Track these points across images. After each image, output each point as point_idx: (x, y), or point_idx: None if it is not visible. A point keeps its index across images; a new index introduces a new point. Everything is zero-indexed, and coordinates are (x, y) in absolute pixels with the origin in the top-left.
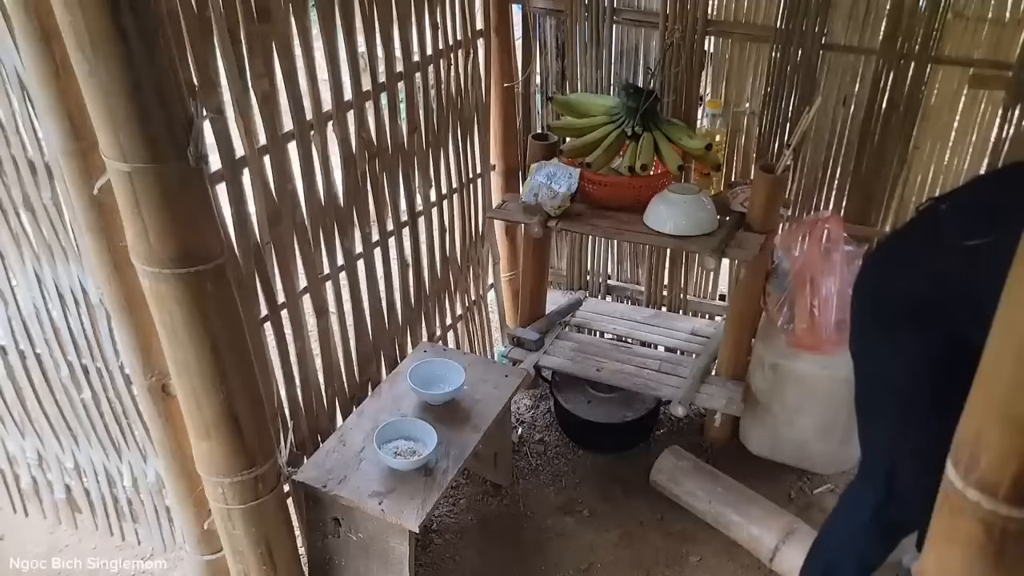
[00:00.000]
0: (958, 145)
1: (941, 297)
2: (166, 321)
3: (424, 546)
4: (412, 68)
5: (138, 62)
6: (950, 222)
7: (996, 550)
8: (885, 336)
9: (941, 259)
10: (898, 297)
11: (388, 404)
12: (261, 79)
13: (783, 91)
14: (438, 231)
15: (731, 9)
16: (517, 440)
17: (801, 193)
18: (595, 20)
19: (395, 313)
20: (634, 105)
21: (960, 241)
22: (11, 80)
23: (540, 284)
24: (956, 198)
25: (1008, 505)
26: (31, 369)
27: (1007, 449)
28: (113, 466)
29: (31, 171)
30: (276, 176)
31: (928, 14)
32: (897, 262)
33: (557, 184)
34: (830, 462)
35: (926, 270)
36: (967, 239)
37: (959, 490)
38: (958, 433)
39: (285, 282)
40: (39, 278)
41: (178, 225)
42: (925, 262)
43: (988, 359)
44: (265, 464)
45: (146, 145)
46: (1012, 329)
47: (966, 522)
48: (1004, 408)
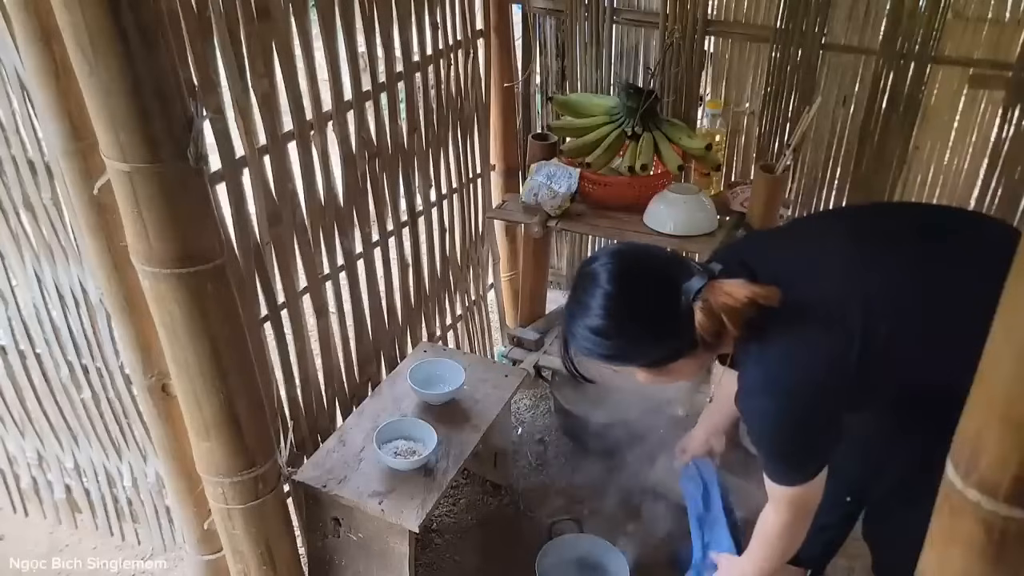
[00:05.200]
0: (958, 145)
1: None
2: (166, 321)
3: (424, 546)
4: (412, 68)
5: (138, 62)
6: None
7: (996, 550)
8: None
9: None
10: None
11: (388, 404)
12: (261, 79)
13: (783, 91)
14: (438, 231)
15: (731, 9)
16: (517, 440)
17: (801, 193)
18: (595, 20)
19: (395, 313)
20: (634, 105)
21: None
22: (11, 80)
23: (540, 284)
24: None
25: (1008, 505)
26: (31, 369)
27: (1007, 449)
28: (113, 466)
29: (31, 171)
30: (276, 176)
31: (928, 14)
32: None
33: (557, 184)
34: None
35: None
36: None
37: (959, 490)
38: (958, 433)
39: (285, 282)
40: (39, 278)
41: (178, 225)
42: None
43: (988, 359)
44: (265, 464)
45: (146, 145)
46: (1012, 329)
47: (966, 522)
48: (1004, 408)
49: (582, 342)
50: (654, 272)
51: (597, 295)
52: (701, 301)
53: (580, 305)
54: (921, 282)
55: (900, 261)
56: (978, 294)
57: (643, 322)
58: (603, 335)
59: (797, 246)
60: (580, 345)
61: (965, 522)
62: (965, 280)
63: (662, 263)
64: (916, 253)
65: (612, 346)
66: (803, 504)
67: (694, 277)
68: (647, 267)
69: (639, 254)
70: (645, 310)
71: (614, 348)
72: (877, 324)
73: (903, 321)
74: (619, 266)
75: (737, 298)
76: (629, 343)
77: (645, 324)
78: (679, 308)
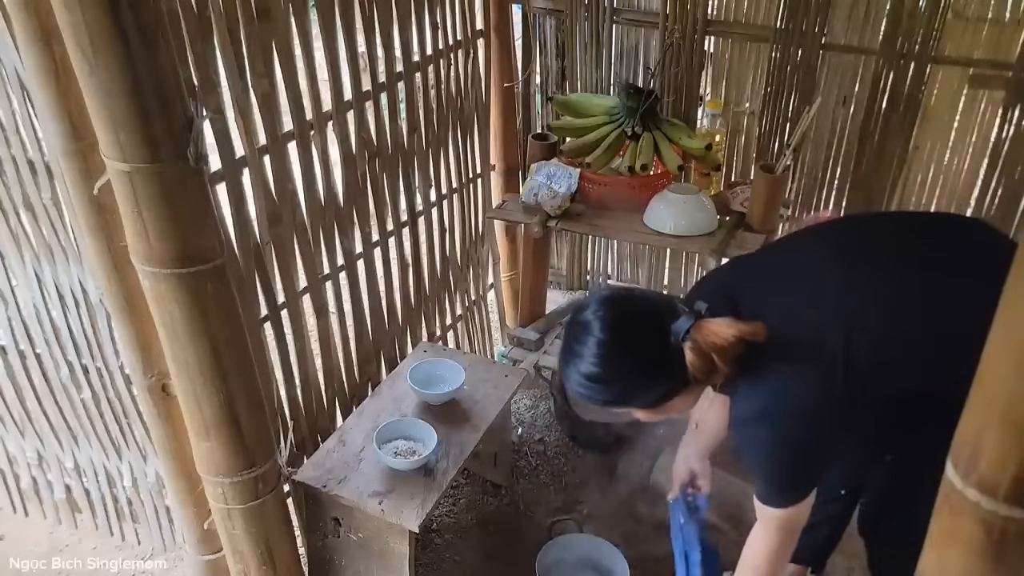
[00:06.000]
0: (958, 145)
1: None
2: (166, 321)
3: (424, 546)
4: (412, 68)
5: (138, 62)
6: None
7: (996, 550)
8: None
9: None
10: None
11: (388, 404)
12: (261, 79)
13: (783, 91)
14: (438, 231)
15: (731, 9)
16: (517, 440)
17: (801, 193)
18: (595, 20)
19: (395, 313)
20: (634, 105)
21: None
22: (11, 80)
23: (540, 284)
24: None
25: (1008, 505)
26: (31, 369)
27: (1007, 449)
28: (113, 466)
29: (31, 171)
30: (276, 176)
31: (928, 14)
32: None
33: (557, 184)
34: None
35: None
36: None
37: (959, 490)
38: (958, 433)
39: (285, 282)
40: (39, 278)
41: (178, 225)
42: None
43: (988, 359)
44: (265, 464)
45: (146, 145)
46: (1012, 329)
47: (966, 522)
48: (1004, 408)
49: (580, 389)
50: (643, 317)
51: (590, 344)
52: (691, 341)
53: (574, 354)
54: (901, 296)
55: (878, 278)
56: (961, 298)
57: (637, 367)
58: (600, 382)
59: (776, 274)
60: (578, 392)
61: (965, 522)
62: (947, 287)
63: (650, 307)
64: (893, 266)
65: (609, 391)
66: (791, 526)
67: (681, 318)
68: (636, 313)
69: (628, 300)
70: (638, 355)
71: (611, 393)
72: (859, 347)
73: (885, 339)
74: (610, 314)
75: (724, 337)
76: (625, 387)
77: (639, 368)
78: (670, 350)
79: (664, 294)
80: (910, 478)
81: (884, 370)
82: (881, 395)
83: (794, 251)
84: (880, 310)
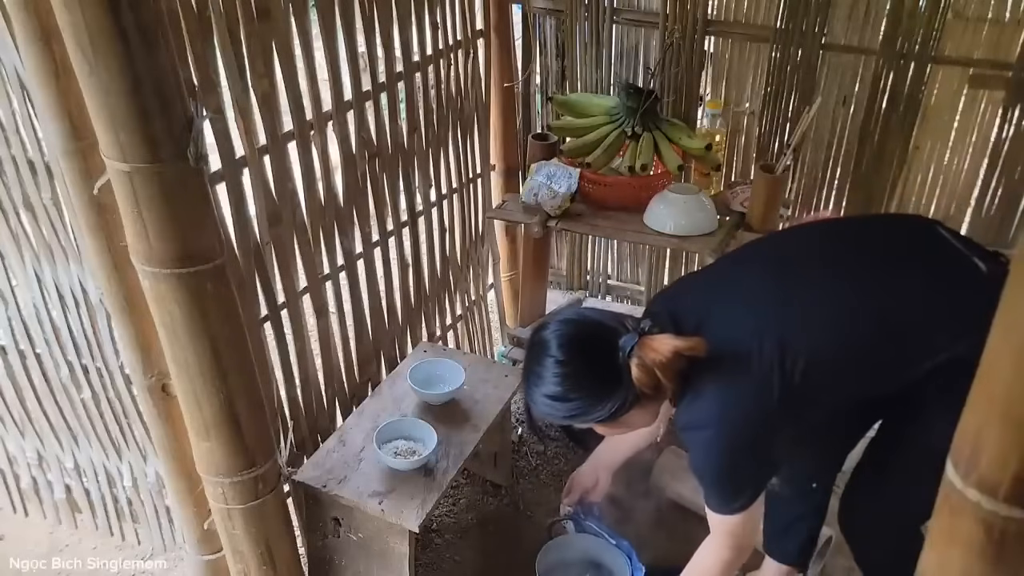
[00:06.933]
0: (958, 145)
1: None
2: (166, 321)
3: (424, 546)
4: (412, 68)
5: (138, 62)
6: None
7: (996, 550)
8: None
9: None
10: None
11: (388, 404)
12: (261, 79)
13: (783, 91)
14: (438, 231)
15: (731, 9)
16: (517, 440)
17: (801, 193)
18: (595, 20)
19: (395, 313)
20: (634, 105)
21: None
22: (11, 80)
23: (540, 284)
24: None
25: (1008, 505)
26: (31, 369)
27: (1007, 449)
28: (113, 466)
29: (31, 171)
30: (276, 176)
31: (928, 14)
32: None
33: (557, 184)
34: None
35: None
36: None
37: (959, 490)
38: (958, 433)
39: (285, 282)
40: (39, 278)
41: (178, 225)
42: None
43: (988, 359)
44: (265, 464)
45: (146, 145)
46: (1012, 329)
47: (966, 522)
48: (1004, 408)
49: (542, 407)
50: (594, 336)
51: (548, 364)
52: (636, 358)
53: (535, 375)
54: (836, 301)
55: (813, 286)
56: (907, 290)
57: (590, 384)
58: (558, 399)
59: (719, 288)
60: (541, 411)
61: (965, 522)
62: (885, 288)
63: (599, 326)
64: (827, 274)
65: (567, 408)
66: (741, 537)
67: (625, 336)
68: (588, 332)
69: (580, 320)
70: (590, 373)
71: (570, 410)
72: (795, 356)
73: (820, 347)
74: (564, 333)
75: (664, 353)
76: (581, 404)
77: (592, 385)
78: (619, 366)
79: (617, 313)
80: (878, 469)
81: (825, 380)
82: (828, 398)
83: (740, 263)
84: (819, 322)
